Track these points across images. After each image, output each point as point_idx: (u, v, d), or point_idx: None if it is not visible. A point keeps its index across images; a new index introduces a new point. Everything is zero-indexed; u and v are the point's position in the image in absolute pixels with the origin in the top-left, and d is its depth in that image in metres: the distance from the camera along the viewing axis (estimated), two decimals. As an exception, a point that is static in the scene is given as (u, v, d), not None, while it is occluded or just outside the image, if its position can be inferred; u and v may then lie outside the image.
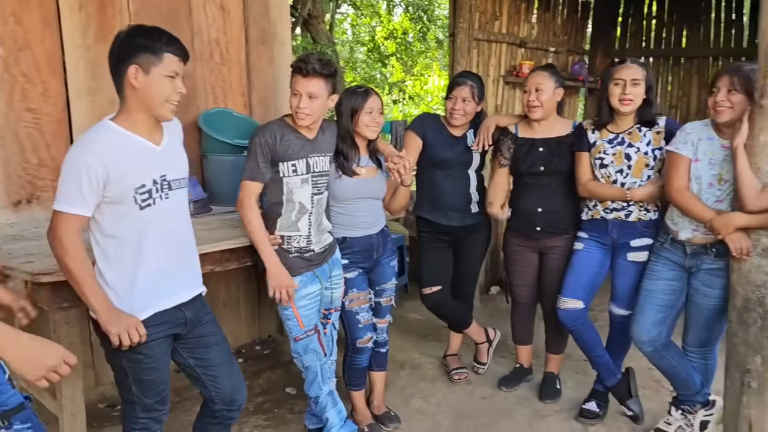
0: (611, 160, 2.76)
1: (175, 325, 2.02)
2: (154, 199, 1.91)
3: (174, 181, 1.99)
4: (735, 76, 2.39)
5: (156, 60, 1.84)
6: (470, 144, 3.11)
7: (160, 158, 1.94)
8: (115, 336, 1.84)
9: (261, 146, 2.41)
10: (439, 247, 3.23)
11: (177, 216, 2.03)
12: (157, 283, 1.96)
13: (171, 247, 2.00)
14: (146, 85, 1.84)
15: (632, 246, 2.77)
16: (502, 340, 3.65)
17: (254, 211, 2.45)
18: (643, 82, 2.69)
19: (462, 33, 4.42)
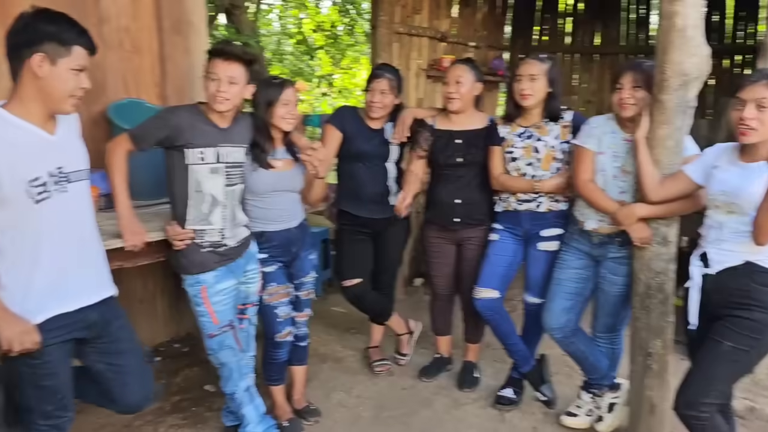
0: (521, 154, 2.84)
1: (78, 329, 1.94)
2: (50, 193, 1.81)
3: (73, 173, 1.89)
4: (638, 73, 2.50)
5: (64, 51, 1.75)
6: (388, 137, 3.12)
7: (54, 149, 1.85)
8: (5, 341, 1.74)
9: (163, 123, 2.34)
10: (360, 239, 3.23)
11: (78, 211, 1.94)
12: (55, 284, 1.86)
13: (71, 244, 1.91)
14: (50, 76, 1.76)
15: (543, 236, 2.86)
16: (423, 331, 3.70)
17: (121, 158, 2.34)
18: (542, 76, 2.77)
19: (383, 26, 4.43)
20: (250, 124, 2.59)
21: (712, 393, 2.14)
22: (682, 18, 2.26)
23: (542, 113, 2.84)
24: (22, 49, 1.74)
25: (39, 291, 1.83)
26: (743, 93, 2.07)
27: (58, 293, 1.87)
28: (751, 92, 2.04)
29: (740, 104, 2.07)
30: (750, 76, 2.12)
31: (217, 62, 2.34)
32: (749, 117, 2.03)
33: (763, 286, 2.09)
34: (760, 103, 2.02)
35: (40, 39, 1.73)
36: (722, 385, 2.18)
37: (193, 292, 2.49)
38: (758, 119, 2.02)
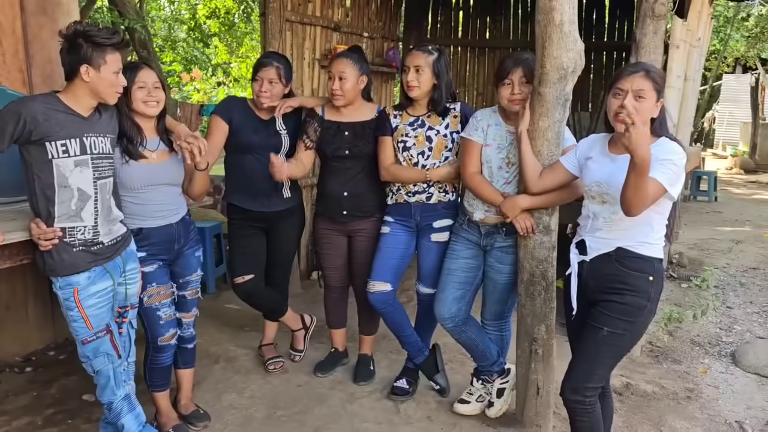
0: (413, 143, 2.84)
1: None
2: None
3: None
4: (526, 68, 2.55)
5: None
6: (279, 128, 3.03)
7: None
8: None
9: (14, 117, 2.11)
10: (251, 234, 3.13)
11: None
12: None
13: None
14: None
15: (435, 227, 2.88)
16: (319, 325, 3.65)
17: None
18: (428, 68, 2.77)
19: (273, 13, 4.30)
20: (114, 113, 2.42)
21: (595, 377, 2.24)
22: (559, 13, 2.33)
23: (429, 105, 2.85)
24: None
25: None
26: (622, 83, 2.13)
27: None
28: (630, 82, 2.11)
29: (618, 92, 2.14)
30: (628, 66, 2.19)
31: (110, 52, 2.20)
32: (627, 105, 2.05)
33: (634, 271, 2.20)
34: (639, 94, 2.10)
35: None
36: (604, 370, 2.29)
37: (64, 295, 2.29)
38: (635, 108, 2.09)
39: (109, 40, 2.19)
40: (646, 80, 2.10)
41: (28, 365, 3.29)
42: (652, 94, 2.11)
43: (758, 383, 3.48)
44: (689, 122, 4.09)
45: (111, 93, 2.25)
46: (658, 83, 2.12)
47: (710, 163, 14.46)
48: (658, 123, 2.18)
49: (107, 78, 2.20)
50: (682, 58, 3.63)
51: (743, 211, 8.88)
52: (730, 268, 5.60)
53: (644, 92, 2.10)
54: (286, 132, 3.05)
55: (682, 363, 3.67)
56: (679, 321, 4.17)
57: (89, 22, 2.37)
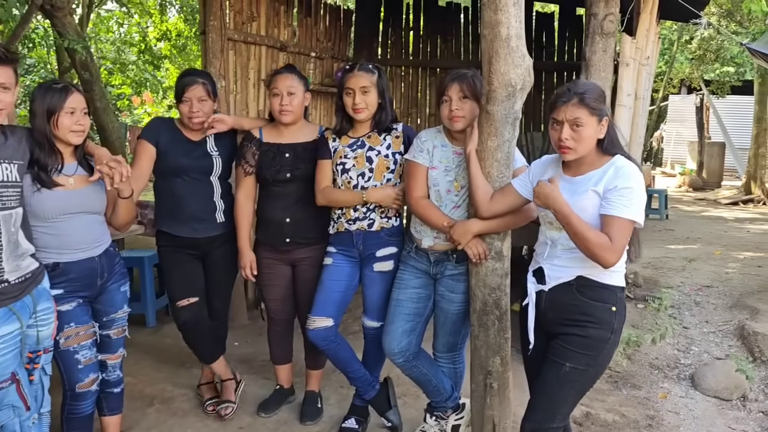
0: (353, 164, 2.68)
1: None
2: None
3: None
4: (463, 84, 2.42)
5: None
6: (210, 150, 2.84)
7: None
8: None
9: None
10: (185, 260, 2.90)
11: None
12: None
13: None
14: None
15: (378, 256, 2.71)
16: (263, 359, 3.41)
17: None
18: (373, 88, 2.64)
19: (214, 32, 4.11)
20: (21, 137, 2.19)
21: (558, 417, 2.10)
22: (506, 27, 2.21)
23: (372, 124, 2.70)
24: None
25: None
26: (556, 113, 2.03)
27: None
28: (563, 112, 2.01)
29: (556, 124, 2.04)
30: (561, 95, 2.06)
31: None
32: (565, 137, 2.01)
33: (595, 301, 2.06)
34: (575, 123, 2.00)
35: None
36: (566, 408, 2.14)
37: (-38, 341, 2.03)
38: (573, 138, 2.01)
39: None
40: (581, 107, 1.99)
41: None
42: (590, 120, 2.00)
43: (718, 407, 3.39)
44: (640, 141, 4.05)
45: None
46: (594, 107, 2.00)
47: (660, 182, 14.77)
48: (609, 141, 2.07)
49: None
50: (632, 77, 3.58)
51: (694, 228, 8.99)
52: (684, 286, 5.58)
53: (580, 120, 1.99)
54: (218, 153, 2.86)
55: (642, 388, 3.56)
56: (637, 345, 4.08)
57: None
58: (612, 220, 1.95)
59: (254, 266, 2.83)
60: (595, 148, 2.07)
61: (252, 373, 3.55)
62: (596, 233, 1.95)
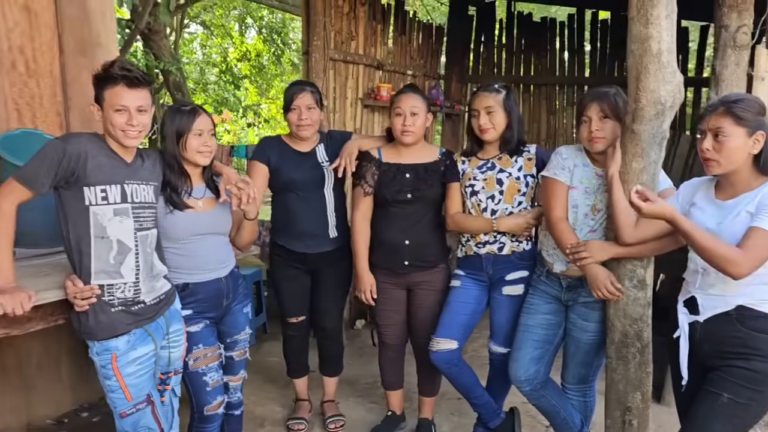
0: (482, 186, 2.59)
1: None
2: None
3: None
4: (604, 103, 2.29)
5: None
6: (321, 160, 2.82)
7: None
8: None
9: (58, 154, 1.90)
10: (295, 275, 2.92)
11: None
12: None
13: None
14: None
15: (507, 280, 2.60)
16: (372, 382, 3.34)
17: (6, 214, 1.89)
18: (499, 108, 2.56)
19: (317, 52, 4.13)
20: (158, 159, 2.21)
21: None
22: (657, 42, 2.07)
23: (502, 145, 2.61)
24: None
25: None
26: (703, 123, 1.94)
27: None
28: (708, 122, 1.91)
29: (701, 134, 1.94)
30: (710, 105, 1.97)
31: (120, 90, 1.96)
32: (705, 148, 1.91)
33: (759, 333, 1.88)
34: (717, 132, 1.88)
35: None
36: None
37: (101, 362, 2.05)
38: (715, 149, 1.89)
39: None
40: (725, 116, 1.86)
41: (61, 428, 3.03)
42: (736, 130, 1.85)
43: None
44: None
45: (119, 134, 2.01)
46: (743, 117, 1.85)
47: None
48: (764, 159, 1.89)
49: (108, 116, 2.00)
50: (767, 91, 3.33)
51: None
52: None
53: (723, 129, 1.86)
54: (329, 163, 2.83)
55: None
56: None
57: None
58: (751, 231, 1.82)
59: (374, 290, 2.77)
60: (750, 167, 1.90)
61: (357, 395, 3.48)
62: (722, 244, 1.82)
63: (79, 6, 2.98)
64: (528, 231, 2.56)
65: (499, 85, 2.60)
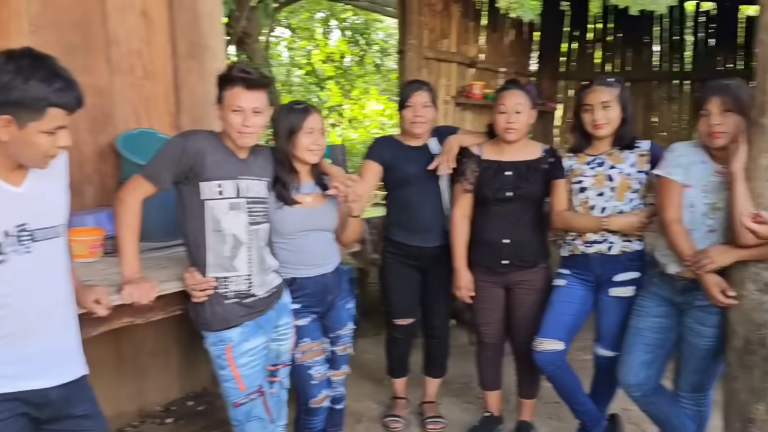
0: (591, 183, 2.51)
1: (29, 404, 1.57)
2: (6, 255, 1.49)
3: (39, 230, 1.56)
4: (725, 96, 2.17)
5: (35, 115, 1.43)
6: (433, 153, 2.83)
7: (18, 203, 1.52)
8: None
9: (178, 150, 2.01)
10: (407, 274, 2.93)
11: (43, 275, 1.58)
12: (6, 359, 1.53)
13: (28, 316, 1.56)
14: (18, 140, 1.45)
15: (615, 281, 2.51)
16: (466, 382, 3.31)
17: (132, 209, 2.01)
18: (615, 102, 2.47)
19: (412, 50, 4.15)
20: (268, 157, 2.28)
21: None
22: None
23: (613, 141, 2.52)
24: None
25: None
26: None
27: (8, 369, 1.53)
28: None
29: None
30: None
31: (238, 91, 2.03)
32: None
33: None
34: None
35: (5, 100, 1.40)
36: None
37: (216, 352, 2.13)
38: None
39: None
40: None
41: (169, 416, 3.17)
42: None
43: None
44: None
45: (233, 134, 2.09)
46: None
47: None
48: None
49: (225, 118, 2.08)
50: None
51: None
52: None
53: None
54: None
55: None
56: None
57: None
58: None
59: (471, 288, 2.74)
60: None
61: (451, 395, 3.45)
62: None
63: (190, 10, 3.12)
64: (640, 231, 2.46)
65: (614, 79, 2.52)
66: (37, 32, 2.55)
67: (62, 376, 1.63)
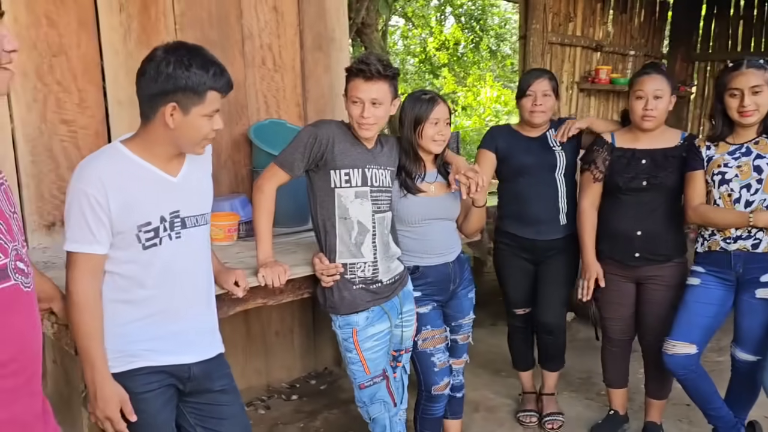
0: (735, 174, 2.32)
1: (175, 377, 1.69)
2: (160, 239, 1.61)
3: (189, 218, 1.68)
4: None
5: (198, 100, 1.55)
6: (552, 145, 2.74)
7: (173, 192, 1.65)
8: (94, 418, 1.58)
9: (311, 139, 2.09)
10: (522, 265, 2.86)
11: (190, 259, 1.70)
12: (156, 335, 1.65)
13: (178, 295, 1.68)
14: (182, 125, 1.56)
15: (762, 282, 2.31)
16: (588, 377, 3.20)
17: (269, 196, 2.12)
18: (766, 86, 2.26)
19: (535, 35, 4.03)
20: (395, 145, 2.31)
21: None
22: None
23: (760, 128, 2.33)
24: (155, 97, 1.54)
25: (133, 338, 1.62)
26: None
27: (157, 344, 1.65)
28: None
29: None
30: None
31: (358, 83, 2.07)
32: None
33: None
34: None
35: (174, 88, 1.52)
36: None
37: (343, 335, 2.20)
38: None
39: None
40: None
41: (294, 392, 3.32)
42: None
43: None
44: None
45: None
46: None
47: None
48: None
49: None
50: None
51: None
52: None
53: None
54: (561, 148, 2.73)
55: None
56: None
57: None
58: None
59: (601, 279, 2.63)
60: None
61: (571, 390, 3.36)
62: None
63: (317, 4, 3.21)
64: None
65: (764, 60, 2.31)
66: (182, 30, 2.74)
67: (203, 353, 1.74)
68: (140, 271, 1.60)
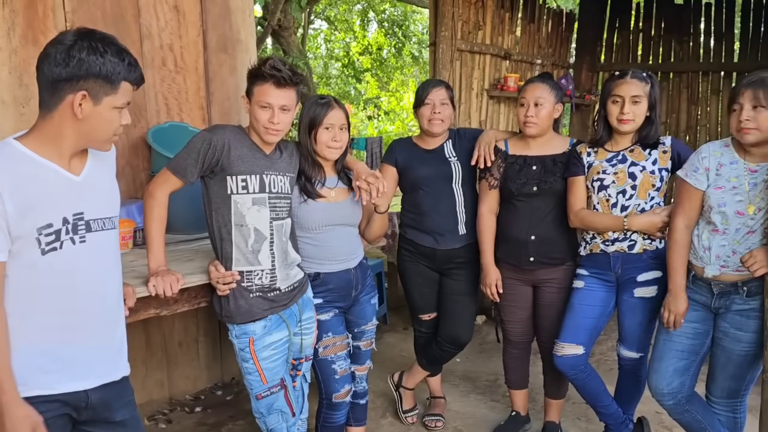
0: (612, 180, 2.43)
1: (70, 405, 1.55)
2: (61, 242, 1.48)
3: (95, 221, 1.55)
4: (761, 90, 2.05)
5: (111, 89, 1.45)
6: (448, 156, 2.76)
7: (76, 192, 1.52)
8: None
9: (204, 144, 2.02)
10: (425, 272, 2.85)
11: (95, 268, 1.56)
12: (49, 355, 1.50)
13: (80, 308, 1.54)
14: (92, 116, 1.45)
15: (639, 281, 2.43)
16: (495, 380, 3.27)
17: (160, 202, 2.05)
18: (645, 98, 2.39)
19: (444, 42, 4.09)
20: (295, 151, 2.28)
21: None
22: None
23: (635, 138, 2.45)
24: (59, 82, 1.41)
25: (25, 361, 1.46)
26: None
27: (50, 368, 1.50)
28: None
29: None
30: None
31: (268, 88, 2.03)
32: None
33: None
34: None
35: (85, 74, 1.41)
36: None
37: (240, 345, 2.14)
38: None
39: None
40: None
41: (198, 404, 3.22)
42: None
43: None
44: None
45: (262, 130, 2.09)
46: None
47: None
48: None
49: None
50: None
51: None
52: None
53: None
54: (457, 159, 2.76)
55: None
56: None
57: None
58: None
59: (500, 284, 2.69)
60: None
61: (478, 393, 3.42)
62: None
63: (221, 4, 3.13)
64: (662, 230, 2.38)
65: (646, 73, 2.43)
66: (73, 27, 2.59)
67: (105, 376, 1.61)
68: (38, 280, 1.46)
